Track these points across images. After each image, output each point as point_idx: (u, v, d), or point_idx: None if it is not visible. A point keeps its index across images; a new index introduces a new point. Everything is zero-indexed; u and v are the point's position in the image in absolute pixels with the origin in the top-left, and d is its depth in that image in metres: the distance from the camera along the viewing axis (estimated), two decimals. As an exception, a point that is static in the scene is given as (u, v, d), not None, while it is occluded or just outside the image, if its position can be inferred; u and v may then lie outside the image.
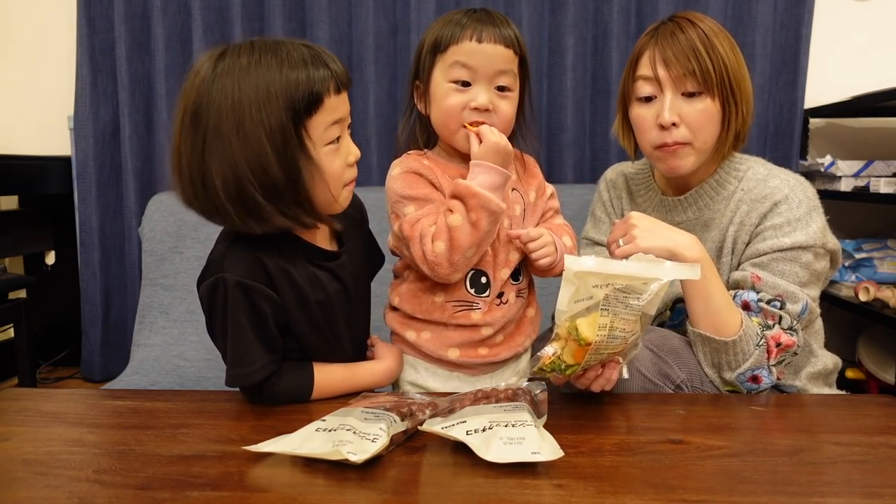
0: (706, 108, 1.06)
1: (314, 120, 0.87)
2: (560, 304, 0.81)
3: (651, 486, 0.67)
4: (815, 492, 0.67)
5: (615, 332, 0.81)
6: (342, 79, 0.90)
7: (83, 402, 0.98)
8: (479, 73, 1.00)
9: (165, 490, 0.67)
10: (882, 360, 2.04)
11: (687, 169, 1.10)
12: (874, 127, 2.30)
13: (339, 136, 0.91)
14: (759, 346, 1.00)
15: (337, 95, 0.89)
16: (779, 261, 1.04)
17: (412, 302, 1.07)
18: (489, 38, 0.99)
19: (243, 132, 0.82)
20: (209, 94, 0.84)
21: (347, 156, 0.93)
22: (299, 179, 0.87)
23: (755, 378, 1.01)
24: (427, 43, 1.04)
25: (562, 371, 0.85)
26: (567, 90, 2.19)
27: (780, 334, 1.02)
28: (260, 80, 0.83)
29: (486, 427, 0.74)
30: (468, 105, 1.00)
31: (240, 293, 0.88)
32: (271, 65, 0.85)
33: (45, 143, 2.42)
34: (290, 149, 0.85)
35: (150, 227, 1.97)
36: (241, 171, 0.83)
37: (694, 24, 1.07)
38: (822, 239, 1.05)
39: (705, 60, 1.05)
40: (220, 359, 0.92)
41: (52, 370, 2.49)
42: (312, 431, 0.76)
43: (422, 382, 1.08)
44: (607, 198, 1.30)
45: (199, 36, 2.23)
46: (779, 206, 1.06)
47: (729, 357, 1.00)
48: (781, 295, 1.03)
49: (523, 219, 1.10)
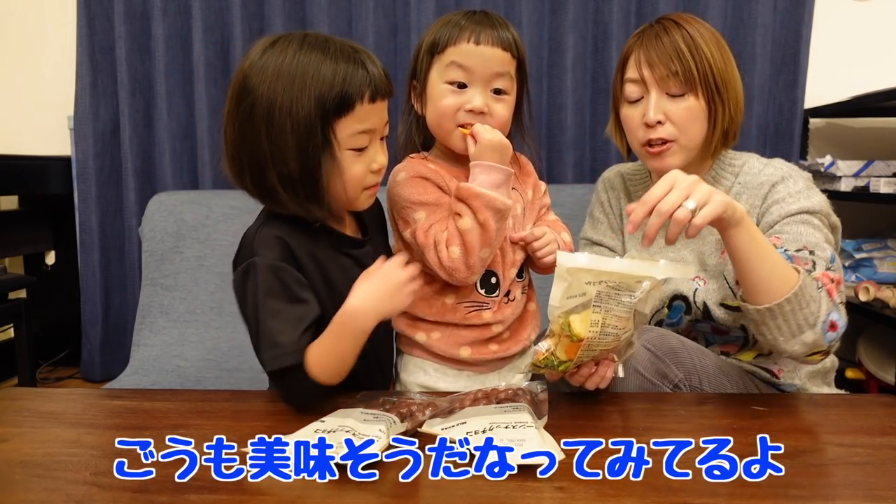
0: (690, 106, 1.08)
1: (343, 123, 0.88)
2: (553, 300, 0.81)
3: (652, 488, 0.67)
4: (818, 495, 0.67)
5: (607, 328, 0.81)
6: (380, 87, 0.89)
7: (81, 402, 0.97)
8: (476, 75, 1.00)
9: (163, 493, 0.66)
10: (882, 360, 2.04)
11: (677, 166, 1.09)
12: (874, 127, 2.30)
13: (366, 145, 0.91)
14: (820, 288, 0.94)
15: (371, 104, 0.89)
16: (791, 224, 1.03)
17: (422, 305, 1.07)
18: (487, 41, 0.99)
19: (272, 121, 0.86)
20: (251, 79, 0.87)
21: (371, 163, 0.93)
22: (317, 174, 0.88)
23: (832, 325, 0.94)
24: (425, 43, 1.04)
25: (555, 367, 0.85)
26: (567, 90, 2.18)
27: (826, 272, 0.96)
28: (297, 72, 0.86)
29: (485, 428, 0.74)
30: (463, 107, 1.00)
31: (271, 275, 0.88)
32: (312, 60, 0.86)
33: (45, 143, 2.42)
34: (312, 144, 0.86)
35: (150, 227, 1.97)
36: (264, 156, 0.87)
37: (679, 26, 1.09)
38: (826, 209, 1.06)
39: (688, 61, 1.06)
40: (219, 359, 0.92)
41: (52, 370, 2.49)
42: (311, 433, 0.76)
43: (432, 384, 1.08)
44: (605, 198, 1.30)
45: (199, 36, 2.23)
46: (777, 186, 1.08)
47: (805, 311, 0.91)
48: (806, 246, 1.00)
49: (524, 217, 1.11)
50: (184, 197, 2.04)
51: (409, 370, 1.11)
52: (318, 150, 0.87)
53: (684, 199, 0.84)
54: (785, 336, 0.92)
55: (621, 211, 1.28)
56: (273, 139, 0.86)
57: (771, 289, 0.90)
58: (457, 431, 0.75)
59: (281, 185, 0.88)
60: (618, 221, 1.28)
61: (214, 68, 2.26)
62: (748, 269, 0.91)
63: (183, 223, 1.95)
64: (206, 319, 1.85)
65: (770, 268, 0.91)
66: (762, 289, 0.91)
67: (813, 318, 0.91)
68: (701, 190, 0.85)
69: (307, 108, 0.85)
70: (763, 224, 1.07)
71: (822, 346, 0.93)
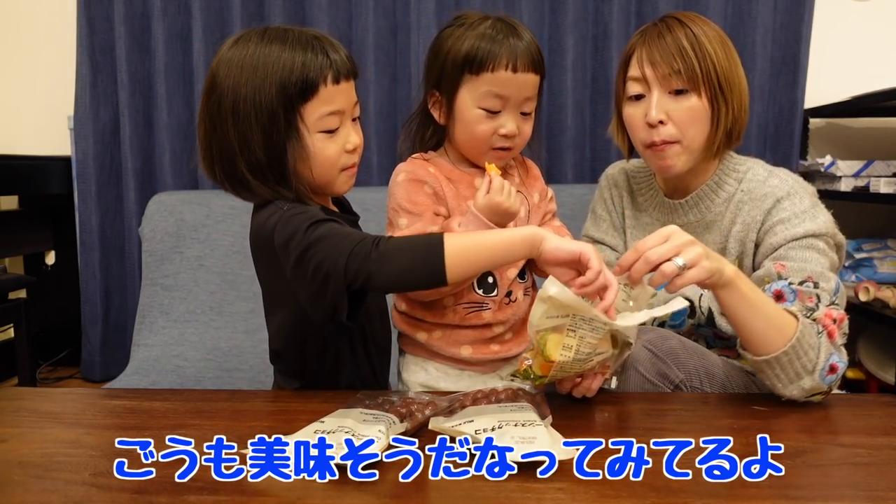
0: (692, 106, 1.06)
1: (309, 106, 0.90)
2: (532, 318, 0.82)
3: (653, 489, 0.67)
4: (819, 495, 0.67)
5: (581, 353, 0.82)
6: (342, 69, 0.91)
7: (80, 402, 0.97)
8: (511, 102, 1.02)
9: (163, 493, 0.66)
10: (882, 360, 2.04)
11: (679, 168, 1.09)
12: (874, 127, 2.30)
13: (336, 126, 0.92)
14: (820, 332, 0.94)
15: (335, 85, 0.90)
16: (796, 248, 1.02)
17: (421, 307, 1.08)
18: (523, 66, 1.00)
19: (237, 111, 0.88)
20: (218, 75, 0.90)
21: (345, 143, 0.94)
22: (283, 159, 0.90)
23: (832, 368, 0.94)
24: (455, 55, 1.02)
25: (532, 380, 0.87)
26: (567, 90, 2.18)
27: (830, 311, 0.96)
28: (259, 63, 0.88)
29: (494, 427, 0.74)
30: (497, 131, 1.03)
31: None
32: (272, 51, 0.89)
33: (45, 143, 2.42)
34: (276, 130, 0.89)
35: (150, 227, 1.97)
36: (231, 147, 0.89)
37: (683, 24, 1.08)
38: (832, 229, 1.05)
39: (691, 59, 1.05)
40: (219, 359, 0.92)
41: (52, 370, 2.48)
42: (311, 433, 0.75)
43: (433, 384, 1.09)
44: (608, 196, 1.29)
45: (199, 36, 2.23)
46: (782, 202, 1.06)
47: (804, 360, 0.92)
48: (810, 276, 0.99)
49: (527, 220, 1.12)
50: (184, 197, 2.04)
51: (410, 369, 1.11)
52: (281, 136, 0.89)
53: (674, 255, 0.86)
54: (783, 383, 0.93)
55: (624, 209, 1.27)
56: (239, 129, 0.89)
57: (766, 342, 0.92)
58: (466, 429, 0.75)
59: (250, 173, 0.90)
60: (620, 220, 1.28)
61: (214, 68, 2.26)
62: (741, 325, 0.93)
63: (183, 223, 1.95)
64: (206, 319, 1.85)
65: (765, 323, 0.92)
66: (758, 342, 0.93)
67: (811, 365, 0.92)
68: (692, 251, 0.86)
69: (269, 96, 0.88)
70: (766, 245, 1.06)
71: (821, 388, 0.93)
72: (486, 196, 0.98)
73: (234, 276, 1.90)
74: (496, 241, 0.83)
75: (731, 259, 1.11)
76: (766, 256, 1.05)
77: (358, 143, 0.96)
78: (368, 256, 0.81)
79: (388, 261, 0.81)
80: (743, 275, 0.92)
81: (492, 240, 0.84)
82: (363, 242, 0.82)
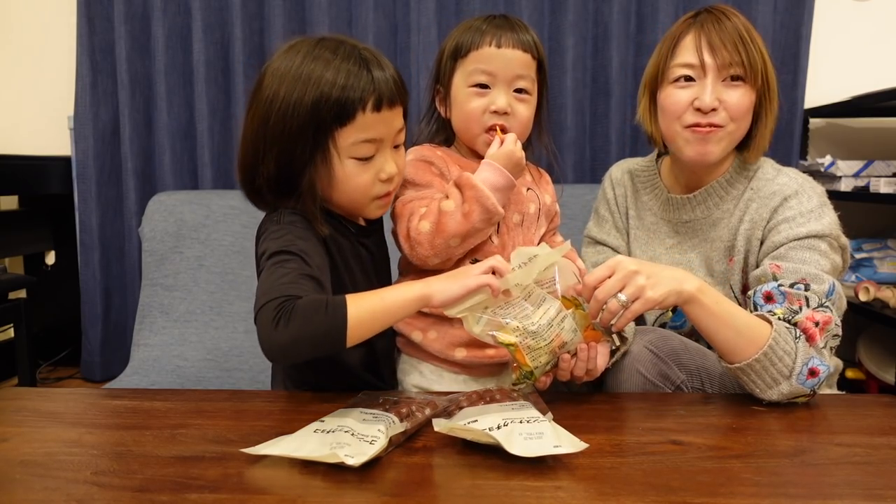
0: (745, 94, 1.07)
1: (344, 131, 0.87)
2: (471, 331, 0.85)
3: (652, 487, 0.67)
4: (818, 494, 0.67)
5: (533, 325, 0.84)
6: (386, 95, 0.87)
7: (81, 402, 0.97)
8: (499, 77, 1.03)
9: (164, 492, 0.66)
10: (882, 360, 2.04)
11: (716, 156, 1.09)
12: (874, 127, 2.30)
13: (371, 154, 0.89)
14: (798, 337, 0.94)
15: (375, 113, 0.87)
16: (796, 249, 1.02)
17: None
18: (508, 43, 1.02)
19: (268, 121, 0.87)
20: (265, 80, 0.89)
21: (379, 172, 0.91)
22: (298, 178, 0.88)
23: (812, 372, 0.94)
24: (448, 49, 1.07)
25: (530, 377, 0.87)
26: (567, 90, 2.18)
27: (813, 314, 0.95)
28: (302, 76, 0.86)
29: (500, 424, 0.74)
30: (488, 108, 1.03)
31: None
32: (317, 67, 0.86)
33: (45, 143, 2.42)
34: (300, 149, 0.87)
35: (150, 227, 1.97)
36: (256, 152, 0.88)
37: (735, 16, 1.08)
38: (836, 231, 1.05)
39: (751, 50, 1.06)
40: (219, 359, 0.92)
41: (52, 370, 2.48)
42: (311, 433, 0.76)
43: (426, 386, 1.08)
44: (612, 195, 1.29)
45: (199, 36, 2.23)
46: (789, 201, 1.07)
47: (779, 366, 0.92)
48: (804, 278, 0.99)
49: (537, 218, 1.13)
50: (184, 197, 2.04)
51: (405, 370, 1.11)
52: (304, 155, 0.87)
53: (619, 290, 0.87)
54: (761, 388, 0.94)
55: (627, 208, 1.27)
56: (267, 138, 0.87)
57: (737, 350, 0.93)
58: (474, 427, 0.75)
59: (265, 183, 0.89)
60: (623, 220, 1.28)
61: (214, 68, 2.26)
62: (709, 336, 0.95)
63: (183, 223, 1.95)
64: (206, 319, 1.85)
65: (734, 333, 0.93)
66: (728, 351, 0.94)
67: (787, 371, 0.92)
68: (635, 283, 0.87)
69: (301, 114, 0.85)
70: (769, 243, 1.06)
71: (802, 392, 0.93)
72: (501, 147, 1.00)
73: (234, 276, 1.90)
74: (392, 302, 0.80)
75: (740, 256, 1.11)
76: (767, 254, 1.06)
77: (393, 173, 0.92)
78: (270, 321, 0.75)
79: (287, 326, 0.74)
80: (709, 288, 0.93)
81: (390, 298, 0.80)
82: (271, 303, 0.75)
